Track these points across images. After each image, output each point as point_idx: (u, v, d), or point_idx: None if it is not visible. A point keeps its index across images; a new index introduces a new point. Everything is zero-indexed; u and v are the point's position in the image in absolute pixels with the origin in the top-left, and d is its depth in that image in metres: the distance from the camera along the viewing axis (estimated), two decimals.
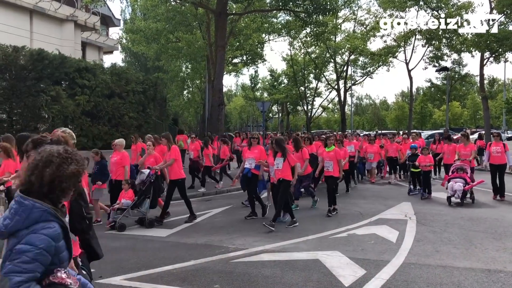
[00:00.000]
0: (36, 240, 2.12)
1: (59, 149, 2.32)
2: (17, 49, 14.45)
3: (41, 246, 2.12)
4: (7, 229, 2.17)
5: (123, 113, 17.23)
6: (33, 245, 2.10)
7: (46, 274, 2.13)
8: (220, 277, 5.75)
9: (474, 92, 64.09)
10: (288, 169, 8.86)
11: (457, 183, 11.07)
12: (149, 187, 9.12)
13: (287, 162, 8.83)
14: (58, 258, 2.22)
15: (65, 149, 2.36)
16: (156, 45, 30.61)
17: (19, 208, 2.18)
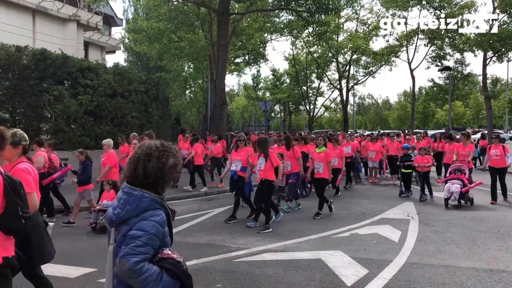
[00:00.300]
0: (147, 227, 2.34)
1: (156, 144, 2.54)
2: (20, 48, 14.48)
3: (152, 232, 2.34)
4: (118, 218, 2.39)
5: (126, 113, 17.25)
6: (145, 231, 2.33)
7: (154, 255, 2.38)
8: (222, 277, 5.76)
9: (477, 92, 63.83)
10: (270, 170, 8.73)
11: (454, 185, 10.73)
12: None
13: (269, 162, 8.70)
14: (164, 242, 2.45)
15: (162, 143, 2.57)
16: (159, 44, 30.64)
17: (129, 198, 2.40)
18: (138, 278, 2.26)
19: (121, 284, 2.38)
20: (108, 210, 2.48)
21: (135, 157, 2.50)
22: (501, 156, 11.29)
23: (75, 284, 5.55)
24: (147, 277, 2.27)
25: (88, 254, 6.93)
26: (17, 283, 5.55)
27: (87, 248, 7.36)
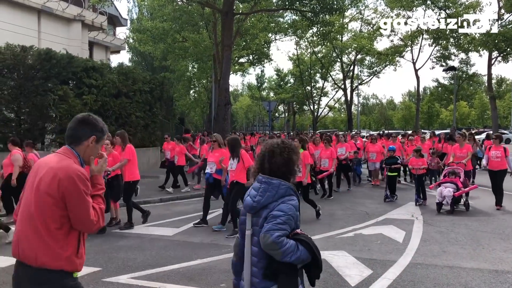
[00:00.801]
0: (286, 208, 2.70)
1: (278, 141, 2.93)
2: (25, 48, 14.55)
3: (290, 213, 2.70)
4: (259, 204, 2.74)
5: (130, 113, 17.30)
6: (284, 212, 2.68)
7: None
8: (227, 276, 5.76)
9: (482, 92, 63.63)
10: (242, 171, 8.30)
11: (446, 189, 10.12)
12: None
13: (241, 164, 8.26)
14: (296, 225, 2.79)
15: (282, 141, 2.95)
16: (163, 44, 30.69)
17: (268, 187, 2.76)
18: (279, 250, 2.59)
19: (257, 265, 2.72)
20: (247, 199, 2.83)
21: (262, 154, 2.91)
22: (501, 158, 10.58)
23: None
24: (287, 249, 2.60)
25: (93, 253, 6.95)
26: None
27: (92, 247, 7.38)
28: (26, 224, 2.63)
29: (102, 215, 2.76)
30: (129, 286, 5.47)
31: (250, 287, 2.72)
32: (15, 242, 2.66)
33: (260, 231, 2.69)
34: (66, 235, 2.62)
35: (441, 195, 10.13)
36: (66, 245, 2.62)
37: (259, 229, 2.71)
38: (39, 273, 2.59)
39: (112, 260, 6.53)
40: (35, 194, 2.62)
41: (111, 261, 6.51)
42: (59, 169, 2.61)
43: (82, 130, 2.87)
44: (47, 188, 2.58)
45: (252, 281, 2.72)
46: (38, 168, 2.73)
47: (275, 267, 2.66)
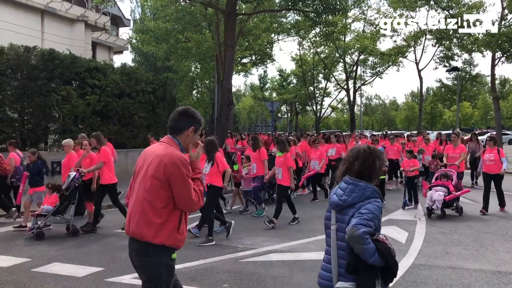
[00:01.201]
0: (372, 208, 2.90)
1: (364, 147, 3.16)
2: (29, 49, 14.59)
3: (375, 212, 2.90)
4: (345, 203, 2.96)
5: (133, 113, 17.33)
6: (370, 211, 2.88)
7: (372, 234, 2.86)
8: (229, 277, 5.77)
9: (485, 93, 63.40)
10: (217, 174, 8.02)
11: (437, 193, 9.72)
12: (74, 191, 8.37)
13: (215, 166, 7.98)
14: (379, 226, 2.97)
15: (368, 147, 3.17)
16: (166, 45, 30.70)
17: (355, 188, 2.98)
18: (362, 246, 2.77)
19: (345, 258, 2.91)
20: (333, 196, 3.06)
21: (348, 158, 3.16)
22: (496, 161, 10.08)
23: (82, 283, 5.58)
24: (367, 249, 2.78)
25: (96, 253, 6.97)
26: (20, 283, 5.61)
27: (95, 247, 7.40)
28: (136, 205, 3.07)
29: (201, 195, 3.13)
30: (132, 286, 5.48)
31: (337, 277, 2.93)
32: (127, 220, 3.15)
33: (343, 226, 2.93)
34: (170, 213, 3.02)
35: (431, 199, 9.71)
36: (168, 222, 3.02)
37: (345, 226, 2.92)
38: (144, 247, 3.02)
39: (115, 260, 6.54)
40: (144, 178, 3.05)
41: (114, 261, 6.52)
42: (164, 156, 3.01)
43: (183, 121, 3.23)
44: (155, 172, 2.99)
45: (340, 272, 2.94)
46: (145, 156, 3.19)
47: (356, 262, 2.85)
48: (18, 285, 5.47)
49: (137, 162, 3.26)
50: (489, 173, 10.25)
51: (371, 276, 2.84)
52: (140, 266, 3.11)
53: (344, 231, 2.90)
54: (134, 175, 3.24)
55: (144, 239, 3.00)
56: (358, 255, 2.82)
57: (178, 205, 3.03)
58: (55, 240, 7.92)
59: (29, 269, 6.10)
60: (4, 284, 5.51)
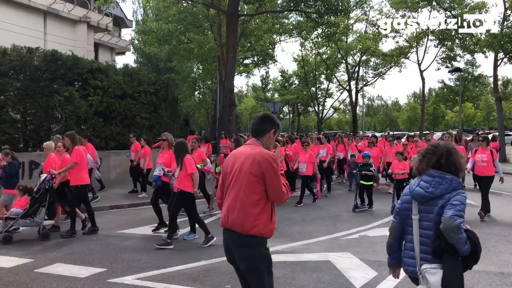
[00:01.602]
0: (462, 199, 3.14)
1: (442, 144, 3.40)
2: (31, 50, 14.62)
3: (464, 203, 3.13)
4: (432, 195, 3.17)
5: (135, 114, 17.34)
6: (461, 201, 3.11)
7: None
8: (231, 278, 5.76)
9: (488, 93, 63.30)
10: (186, 179, 7.56)
11: None
12: (44, 194, 8.08)
13: (184, 170, 7.54)
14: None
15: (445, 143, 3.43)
16: (168, 46, 30.73)
17: (442, 180, 3.19)
18: (457, 235, 2.98)
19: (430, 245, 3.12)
20: (417, 189, 3.23)
21: (426, 153, 3.36)
22: (488, 162, 9.47)
23: (85, 283, 5.59)
24: (461, 238, 3.01)
25: (98, 254, 6.98)
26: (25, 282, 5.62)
27: (97, 248, 7.41)
28: (234, 199, 3.43)
29: (288, 188, 3.53)
30: (134, 287, 5.48)
31: (419, 262, 3.15)
32: (225, 214, 3.47)
33: (429, 216, 3.17)
34: (264, 205, 3.40)
35: None
36: (263, 213, 3.39)
37: (434, 216, 3.14)
38: (243, 238, 3.36)
39: (117, 261, 6.55)
40: (239, 175, 3.43)
41: (116, 262, 6.52)
42: (256, 154, 3.42)
43: (265, 125, 3.65)
44: (250, 169, 3.38)
45: (423, 257, 3.15)
46: (235, 157, 3.57)
47: (443, 247, 3.06)
48: (21, 286, 5.48)
49: (226, 165, 3.65)
50: (480, 175, 9.71)
51: (458, 259, 3.08)
52: (239, 257, 3.42)
53: (429, 221, 3.17)
54: (224, 175, 3.64)
55: (243, 230, 3.35)
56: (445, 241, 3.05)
57: (270, 197, 3.42)
58: (57, 241, 7.92)
59: (32, 270, 6.11)
60: (7, 285, 5.52)
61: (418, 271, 3.12)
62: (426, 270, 3.07)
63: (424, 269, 3.08)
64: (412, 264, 3.23)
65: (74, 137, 8.62)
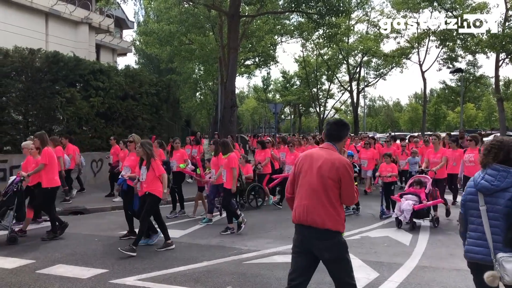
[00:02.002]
0: None
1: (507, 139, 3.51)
2: (33, 51, 14.64)
3: None
4: (498, 187, 3.31)
5: (137, 115, 17.36)
6: None
7: None
8: (233, 278, 5.77)
9: (489, 94, 63.20)
10: (154, 181, 7.19)
11: (406, 201, 8.71)
12: (12, 197, 7.77)
13: (152, 172, 7.17)
14: None
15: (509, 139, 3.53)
16: (169, 47, 30.78)
17: (507, 174, 3.32)
18: None
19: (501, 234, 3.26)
20: (482, 182, 3.37)
21: (491, 148, 3.47)
22: (475, 163, 8.81)
23: (86, 284, 5.59)
24: None
25: (100, 255, 6.99)
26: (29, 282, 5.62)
27: (99, 249, 7.41)
28: (312, 199, 3.72)
29: (358, 193, 3.86)
30: (136, 287, 5.49)
31: (493, 250, 3.28)
32: (304, 212, 3.77)
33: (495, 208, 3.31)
34: (340, 206, 3.75)
35: (399, 209, 8.76)
36: (340, 213, 3.75)
37: (501, 208, 3.27)
38: (324, 233, 3.69)
39: (119, 262, 6.55)
40: (318, 177, 3.71)
41: (118, 262, 6.53)
42: (335, 160, 3.70)
43: (342, 131, 3.90)
44: (329, 174, 3.67)
45: (496, 246, 3.27)
46: (311, 158, 3.83)
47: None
48: (23, 287, 5.49)
49: (300, 163, 3.91)
50: (469, 176, 8.89)
51: None
52: (322, 249, 3.74)
53: (495, 212, 3.31)
54: (298, 173, 3.90)
55: (325, 227, 3.67)
56: None
57: (343, 200, 3.76)
58: (58, 242, 7.93)
59: (34, 271, 6.12)
60: (8, 286, 5.52)
61: (494, 259, 3.26)
62: (503, 258, 3.20)
63: (501, 258, 3.22)
64: (481, 252, 3.39)
65: (43, 137, 8.35)
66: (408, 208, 8.56)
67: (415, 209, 8.55)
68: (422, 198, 8.82)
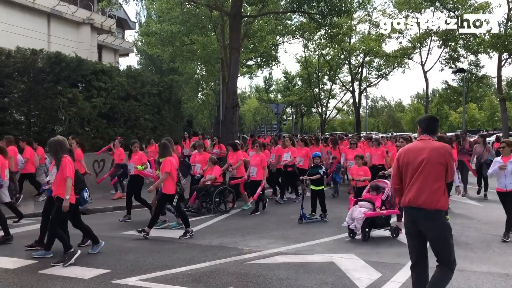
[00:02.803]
0: None
1: None
2: (35, 52, 14.67)
3: None
4: None
5: (139, 115, 17.38)
6: None
7: None
8: (235, 279, 5.76)
9: (492, 94, 63.06)
10: (62, 184, 6.49)
11: (359, 209, 7.90)
12: None
13: (60, 173, 6.54)
14: None
15: None
16: (171, 47, 30.79)
17: None
18: None
19: None
20: None
21: None
22: None
23: (88, 285, 5.59)
24: None
25: (101, 255, 6.99)
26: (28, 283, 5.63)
27: (101, 249, 7.41)
28: (423, 183, 4.29)
29: None
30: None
31: None
32: (415, 196, 4.32)
33: None
34: (444, 186, 4.35)
35: (351, 217, 7.90)
36: (445, 192, 4.35)
37: None
38: (434, 213, 4.27)
39: (121, 262, 6.56)
40: (426, 165, 4.29)
41: (120, 263, 6.53)
42: (440, 147, 4.36)
43: (436, 125, 4.61)
44: (439, 160, 4.29)
45: None
46: (416, 151, 4.42)
47: None
48: (25, 287, 5.50)
49: (403, 157, 4.51)
50: None
51: None
52: (430, 228, 4.31)
53: None
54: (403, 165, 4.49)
55: (432, 206, 4.25)
56: None
57: (448, 179, 4.39)
58: (60, 242, 7.92)
59: (36, 271, 6.12)
60: (11, 286, 5.53)
61: None
62: None
63: None
64: None
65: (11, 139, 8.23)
66: (360, 216, 7.75)
67: (366, 216, 7.75)
68: (377, 206, 7.95)
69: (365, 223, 7.81)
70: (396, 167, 4.59)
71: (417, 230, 4.38)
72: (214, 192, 10.57)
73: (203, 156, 11.49)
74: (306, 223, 9.41)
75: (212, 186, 10.62)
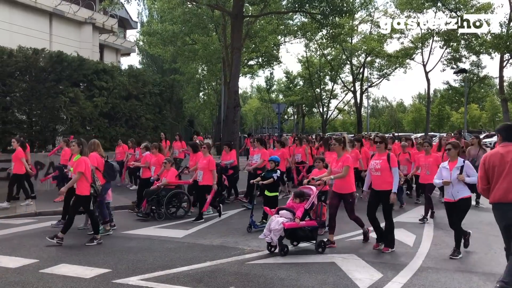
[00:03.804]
0: None
1: None
2: (37, 51, 14.70)
3: None
4: None
5: (140, 115, 17.40)
6: None
7: None
8: (236, 279, 5.76)
9: (493, 94, 62.98)
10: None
11: (277, 219, 6.88)
12: None
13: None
14: None
15: None
16: (173, 47, 30.79)
17: None
18: None
19: None
20: None
21: None
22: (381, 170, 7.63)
23: (90, 284, 5.59)
24: None
25: (103, 254, 6.99)
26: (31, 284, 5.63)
27: (102, 249, 7.42)
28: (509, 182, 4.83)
29: None
30: (139, 287, 5.48)
31: None
32: (503, 193, 4.87)
33: None
34: None
35: (268, 228, 6.90)
36: None
37: None
38: None
39: (122, 262, 6.56)
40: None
41: (121, 262, 6.53)
42: None
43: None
44: None
45: None
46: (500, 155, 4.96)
47: None
48: (26, 286, 5.50)
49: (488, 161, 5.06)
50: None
51: None
52: None
53: None
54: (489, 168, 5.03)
55: None
56: None
57: None
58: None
59: (37, 270, 6.12)
60: (12, 285, 5.53)
61: None
62: None
63: None
64: None
65: None
66: (277, 227, 6.72)
67: (286, 227, 6.75)
68: (297, 216, 6.92)
69: (287, 234, 6.84)
70: (483, 170, 5.12)
71: (508, 223, 4.87)
72: (166, 196, 9.92)
73: (157, 157, 10.77)
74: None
75: (164, 189, 9.99)
